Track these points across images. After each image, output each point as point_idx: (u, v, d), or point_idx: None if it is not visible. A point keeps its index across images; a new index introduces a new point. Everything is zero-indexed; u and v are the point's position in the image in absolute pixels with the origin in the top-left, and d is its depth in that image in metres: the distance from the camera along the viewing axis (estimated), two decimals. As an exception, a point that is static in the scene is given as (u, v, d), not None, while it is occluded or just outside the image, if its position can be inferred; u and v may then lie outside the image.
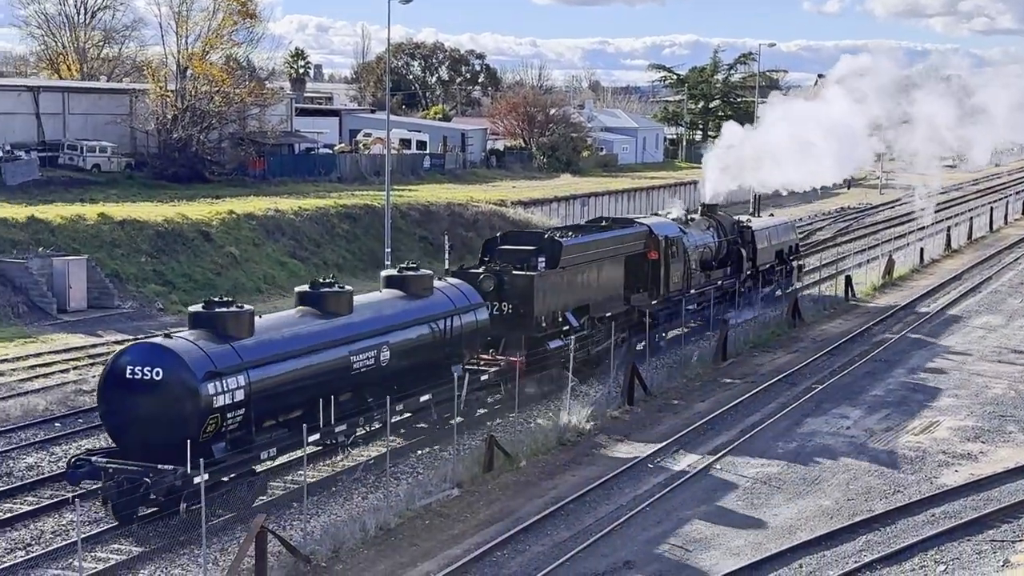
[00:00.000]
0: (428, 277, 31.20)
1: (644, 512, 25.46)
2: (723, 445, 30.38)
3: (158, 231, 54.65)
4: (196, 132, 75.04)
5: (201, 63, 77.83)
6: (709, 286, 45.18)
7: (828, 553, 23.14)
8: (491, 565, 22.56)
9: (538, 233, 38.57)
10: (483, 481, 27.36)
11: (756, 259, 49.84)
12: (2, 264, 47.30)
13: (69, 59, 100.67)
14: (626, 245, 39.92)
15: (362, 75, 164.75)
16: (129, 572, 21.83)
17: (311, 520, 24.32)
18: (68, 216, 53.33)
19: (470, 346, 31.96)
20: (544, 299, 34.21)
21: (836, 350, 42.10)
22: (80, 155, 73.60)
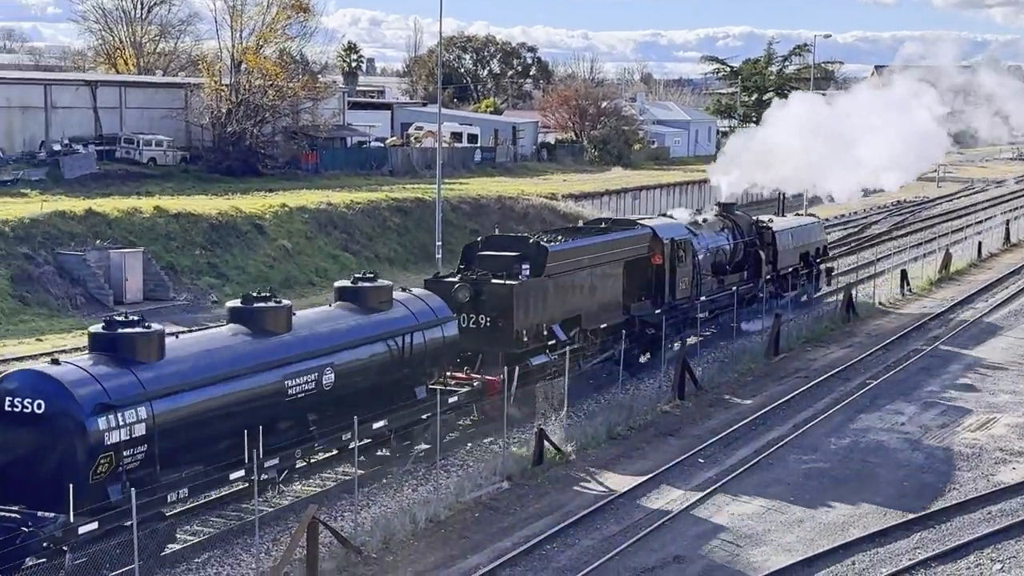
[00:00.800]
0: (386, 289, 27.91)
1: (693, 507, 25.25)
2: (775, 440, 30.12)
3: (212, 224, 54.95)
4: (250, 126, 75.51)
5: (255, 57, 78.24)
6: (723, 292, 42.09)
7: (881, 550, 22.89)
8: (540, 559, 22.49)
9: (522, 238, 34.68)
10: (533, 474, 27.29)
11: (777, 262, 46.20)
12: (61, 256, 47.79)
13: (126, 53, 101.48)
14: (626, 249, 36.72)
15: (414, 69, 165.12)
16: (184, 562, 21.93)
17: (362, 511, 24.31)
18: (124, 209, 53.71)
19: (436, 365, 28.59)
20: (526, 311, 31.05)
21: (891, 345, 41.62)
22: (136, 149, 74.26)
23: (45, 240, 48.41)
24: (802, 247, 49.02)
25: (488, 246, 33.51)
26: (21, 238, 47.72)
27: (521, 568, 22.01)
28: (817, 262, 50.97)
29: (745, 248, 44.63)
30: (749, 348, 40.00)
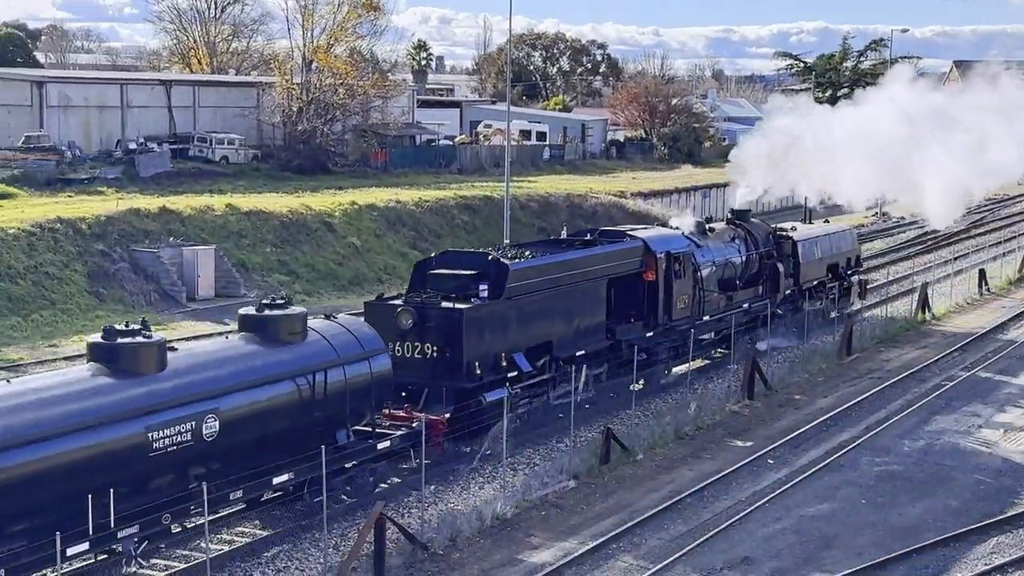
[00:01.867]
0: (296, 317, 23.23)
1: (763, 508, 25.04)
2: (847, 442, 29.76)
3: (283, 221, 55.32)
4: (320, 124, 75.87)
5: (326, 56, 78.65)
6: (732, 310, 37.20)
7: (956, 554, 22.54)
8: (606, 558, 22.36)
9: (481, 254, 29.78)
10: (599, 473, 27.15)
11: (799, 275, 41.51)
12: (136, 253, 48.30)
13: (199, 53, 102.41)
14: (611, 265, 32.01)
15: (483, 66, 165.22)
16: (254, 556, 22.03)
17: (429, 508, 24.33)
18: (197, 207, 54.20)
19: (364, 404, 24.23)
20: (479, 339, 26.83)
21: (967, 346, 40.98)
22: (209, 147, 74.88)
23: (121, 237, 48.95)
24: (830, 258, 44.30)
25: (442, 263, 29.16)
26: (98, 235, 48.28)
27: (587, 567, 21.92)
28: (849, 274, 45.82)
29: (760, 260, 39.70)
30: (820, 349, 39.56)
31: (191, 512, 20.71)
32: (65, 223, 47.99)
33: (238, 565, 21.56)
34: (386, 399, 25.15)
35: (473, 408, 26.25)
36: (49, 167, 61.95)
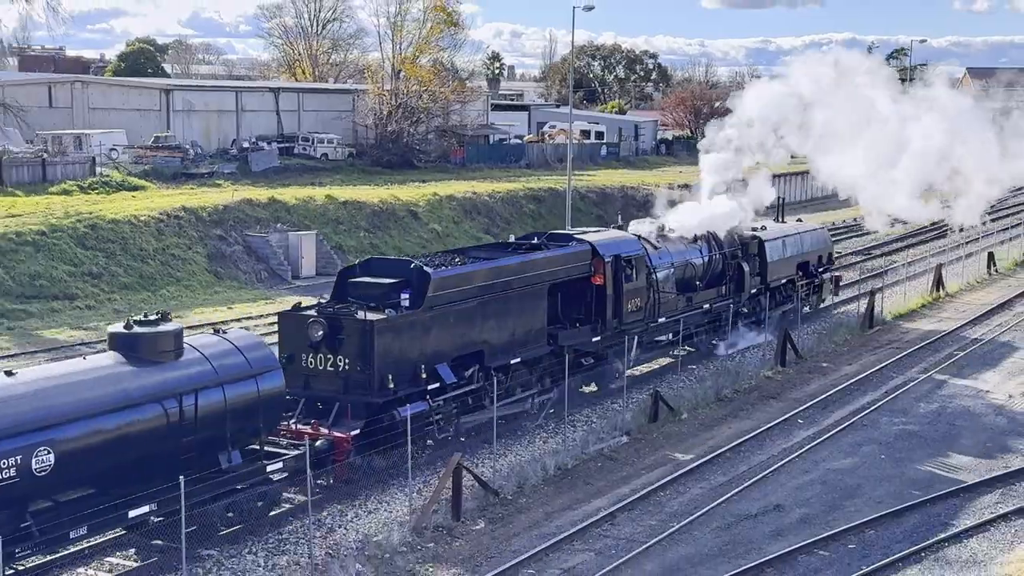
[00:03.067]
0: (169, 335, 18.95)
1: (793, 462, 24.85)
2: (869, 404, 29.45)
3: (374, 210, 55.58)
4: (407, 125, 76.21)
5: (412, 66, 78.85)
6: (693, 310, 33.01)
7: (966, 504, 22.28)
8: (654, 504, 22.29)
9: (403, 261, 25.53)
10: (649, 430, 27.06)
11: (767, 274, 36.85)
12: (248, 237, 48.80)
13: (303, 64, 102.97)
14: (553, 270, 27.53)
15: (549, 74, 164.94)
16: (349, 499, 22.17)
17: (499, 460, 24.39)
18: (301, 197, 54.56)
19: (250, 425, 19.93)
20: (393, 350, 22.67)
21: (977, 320, 40.34)
22: (311, 145, 75.36)
23: (235, 224, 49.44)
24: (800, 256, 39.46)
25: (365, 271, 24.89)
26: (216, 222, 48.80)
27: (638, 512, 21.87)
28: (821, 272, 40.99)
29: (725, 261, 34.94)
30: (845, 322, 39.08)
31: (23, 551, 16.89)
32: (188, 211, 48.54)
33: (337, 507, 21.74)
34: (279, 419, 21.03)
35: (386, 423, 22.03)
36: (175, 163, 62.64)
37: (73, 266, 42.02)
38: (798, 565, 19.35)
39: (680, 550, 20.08)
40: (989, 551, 19.97)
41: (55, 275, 41.01)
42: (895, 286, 45.95)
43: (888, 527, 21.04)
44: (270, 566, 19.12)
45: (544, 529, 20.93)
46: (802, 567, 19.28)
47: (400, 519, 21.07)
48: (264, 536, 20.25)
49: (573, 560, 19.61)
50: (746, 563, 19.21)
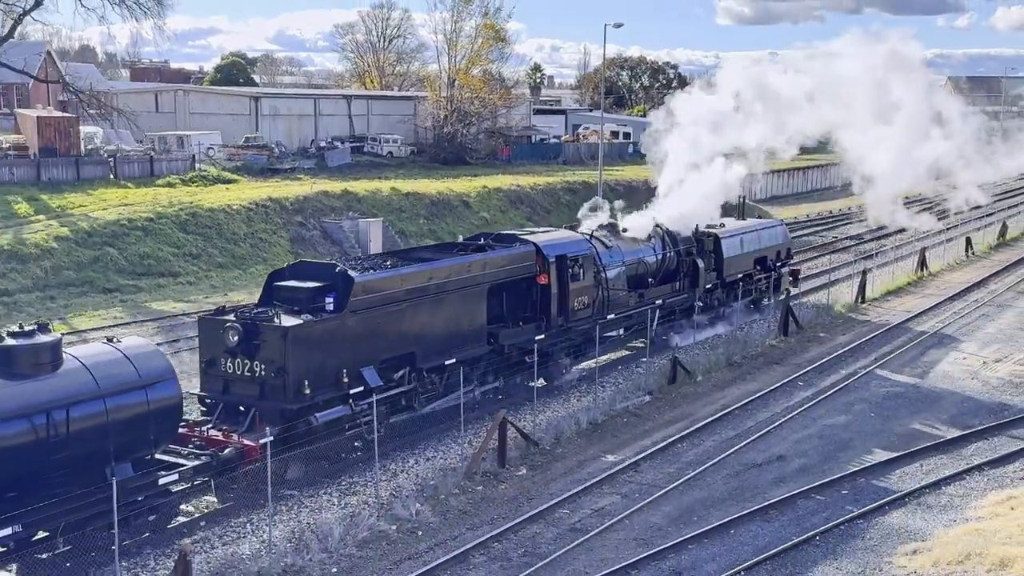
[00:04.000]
0: (43, 348, 15.90)
1: (794, 419, 24.73)
2: (860, 369, 29.23)
3: (432, 200, 55.57)
4: (460, 127, 76.13)
5: (465, 76, 78.71)
6: (644, 306, 29.67)
7: (945, 457, 22.11)
8: (672, 454, 22.27)
9: (330, 265, 21.99)
10: (668, 391, 26.99)
11: (723, 270, 33.65)
12: (324, 224, 48.92)
13: (372, 74, 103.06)
14: (494, 271, 24.46)
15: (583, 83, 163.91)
16: (409, 448, 22.26)
17: (539, 415, 24.40)
18: (369, 189, 54.64)
19: (137, 437, 16.71)
20: (311, 356, 19.69)
21: (956, 296, 39.87)
22: (378, 145, 75.46)
23: (313, 212, 49.58)
24: (757, 252, 35.99)
25: (293, 274, 21.81)
26: (297, 210, 48.97)
27: (658, 461, 21.85)
28: (778, 266, 37.41)
29: (679, 258, 31.77)
30: (840, 297, 38.72)
31: None
32: (273, 201, 48.76)
33: (399, 454, 21.85)
34: (175, 429, 17.72)
35: (302, 428, 19.40)
36: (262, 160, 62.93)
37: (176, 248, 42.40)
38: (797, 508, 19.28)
39: (695, 494, 20.07)
40: (964, 497, 19.82)
41: (161, 255, 41.41)
42: (885, 266, 45.49)
43: (877, 475, 20.92)
44: (343, 504, 19.32)
45: (577, 475, 20.97)
46: (801, 509, 19.21)
47: (454, 466, 21.19)
48: (338, 480, 20.45)
49: (603, 502, 19.65)
50: (752, 506, 19.18)
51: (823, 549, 17.54)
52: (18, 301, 35.49)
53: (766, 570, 16.76)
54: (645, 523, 18.68)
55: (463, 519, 18.84)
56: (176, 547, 16.00)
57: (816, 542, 17.76)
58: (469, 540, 17.73)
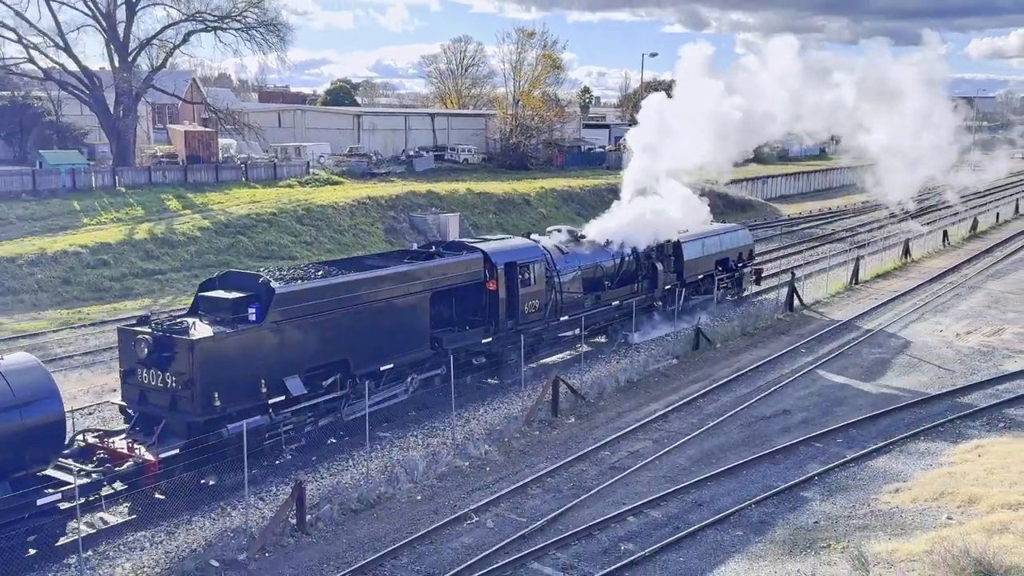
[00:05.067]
0: None
1: (798, 379, 24.35)
2: (853, 339, 28.68)
3: (499, 199, 55.48)
4: (523, 139, 76.01)
5: (527, 97, 78.60)
6: (601, 307, 26.74)
7: (923, 411, 21.62)
8: (695, 407, 22.07)
9: (254, 276, 18.31)
10: (692, 355, 26.72)
11: (683, 272, 30.31)
12: (413, 218, 49.09)
13: (451, 96, 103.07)
14: (438, 278, 21.06)
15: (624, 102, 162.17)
16: (474, 403, 22.28)
17: (585, 374, 24.33)
18: (449, 189, 54.73)
19: (14, 457, 13.59)
20: (224, 368, 16.37)
21: (935, 279, 38.88)
22: (456, 153, 75.51)
23: (403, 208, 49.79)
24: (720, 254, 32.56)
25: (222, 284, 18.20)
26: (390, 206, 49.24)
27: (683, 413, 21.67)
28: (741, 267, 33.91)
29: (638, 261, 28.47)
30: (836, 277, 37.99)
31: None
32: (371, 199, 49.07)
33: (470, 404, 21.91)
34: (56, 447, 14.45)
35: (213, 441, 16.13)
36: (362, 166, 63.37)
37: (294, 237, 42.88)
38: (799, 453, 19.02)
39: (713, 441, 19.89)
40: (939, 445, 19.40)
41: (281, 243, 41.93)
42: (875, 254, 44.54)
43: (866, 427, 20.56)
44: (426, 445, 19.46)
45: (616, 423, 20.90)
46: (802, 455, 18.95)
47: (516, 415, 21.23)
48: (422, 424, 20.59)
49: (637, 446, 19.56)
50: (761, 451, 18.97)
51: (821, 487, 17.30)
52: (169, 279, 36.27)
53: (772, 503, 16.58)
54: (672, 464, 18.56)
55: (522, 458, 18.89)
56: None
57: (815, 481, 17.53)
58: (527, 475, 17.78)
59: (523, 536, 15.16)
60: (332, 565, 14.34)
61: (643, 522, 15.87)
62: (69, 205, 42.15)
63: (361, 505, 16.45)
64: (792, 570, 14.01)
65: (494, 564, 14.14)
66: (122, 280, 35.13)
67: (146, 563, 14.36)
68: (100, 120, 51.47)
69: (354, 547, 14.97)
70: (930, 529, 15.13)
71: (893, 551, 14.21)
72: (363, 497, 16.63)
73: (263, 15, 52.95)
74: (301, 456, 18.32)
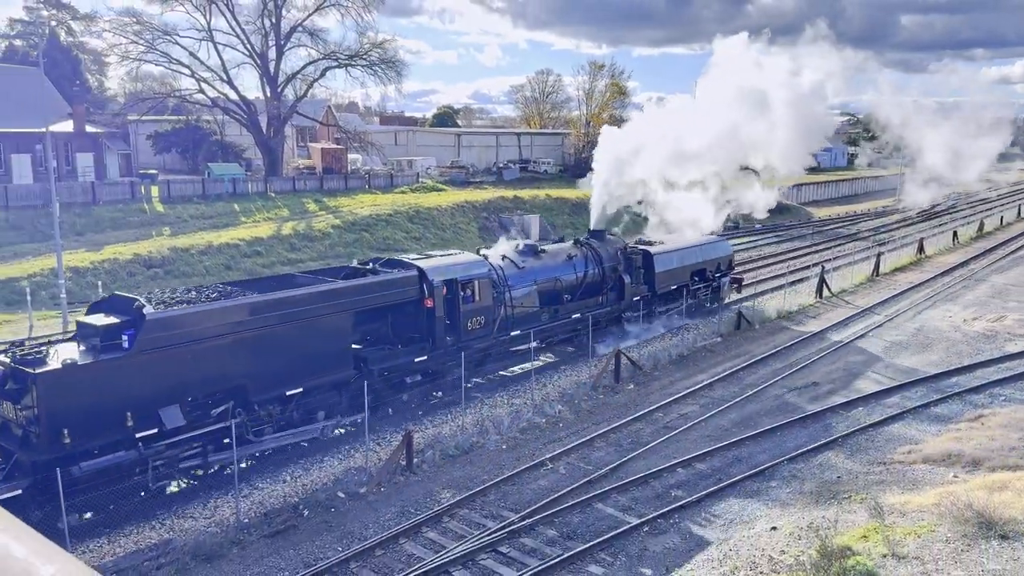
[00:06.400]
0: None
1: (825, 357, 23.56)
2: (874, 323, 27.59)
3: (573, 203, 55.07)
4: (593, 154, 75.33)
5: (597, 119, 77.85)
6: (559, 320, 22.31)
7: (934, 385, 20.66)
8: (736, 379, 21.56)
9: (130, 300, 13.95)
10: (734, 335, 26.10)
11: (655, 283, 25.88)
12: (502, 218, 49.16)
13: (535, 118, 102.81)
14: (366, 297, 16.82)
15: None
16: (548, 372, 22.17)
17: (643, 348, 24.00)
18: (531, 195, 54.62)
19: None
20: (75, 403, 12.31)
21: (946, 273, 37.09)
22: (538, 165, 75.26)
23: (494, 209, 49.95)
24: (695, 265, 27.87)
25: (107, 307, 14.11)
26: (483, 208, 49.44)
27: (725, 383, 21.22)
28: (719, 276, 29.00)
29: (604, 274, 24.23)
30: (860, 270, 36.55)
31: None
32: (468, 203, 49.36)
33: (544, 371, 21.81)
34: None
35: (61, 480, 11.91)
36: (461, 176, 63.77)
37: (406, 233, 43.45)
38: (826, 418, 18.43)
39: (752, 407, 19.41)
40: (947, 414, 18.54)
41: (396, 238, 42.54)
42: (894, 251, 42.71)
43: (884, 398, 19.78)
44: (510, 404, 19.52)
45: (669, 390, 20.58)
46: (828, 419, 18.36)
47: (584, 381, 21.12)
48: (509, 388, 20.66)
49: (687, 409, 19.24)
50: (793, 416, 18.44)
51: (844, 448, 16.73)
52: (308, 267, 37.20)
53: (802, 460, 16.12)
54: (716, 425, 18.21)
55: (590, 417, 18.78)
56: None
57: (839, 442, 16.96)
58: (593, 431, 17.67)
59: (590, 481, 15.09)
60: (434, 499, 14.55)
61: (691, 473, 15.62)
62: (230, 207, 43.61)
63: (457, 451, 16.63)
64: (817, 516, 13.61)
65: (565, 503, 14.13)
66: (271, 267, 36.21)
67: (287, 493, 14.70)
68: (255, 139, 53.10)
69: (451, 485, 15.14)
70: (938, 485, 14.50)
71: (905, 503, 13.67)
72: (459, 445, 16.81)
73: (384, 54, 53.64)
74: (409, 411, 18.45)
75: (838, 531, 12.52)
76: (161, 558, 12.17)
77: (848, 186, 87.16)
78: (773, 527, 13.20)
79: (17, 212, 35.88)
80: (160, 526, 13.35)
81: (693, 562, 12.21)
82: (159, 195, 42.70)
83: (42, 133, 37.36)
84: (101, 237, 35.75)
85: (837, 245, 46.16)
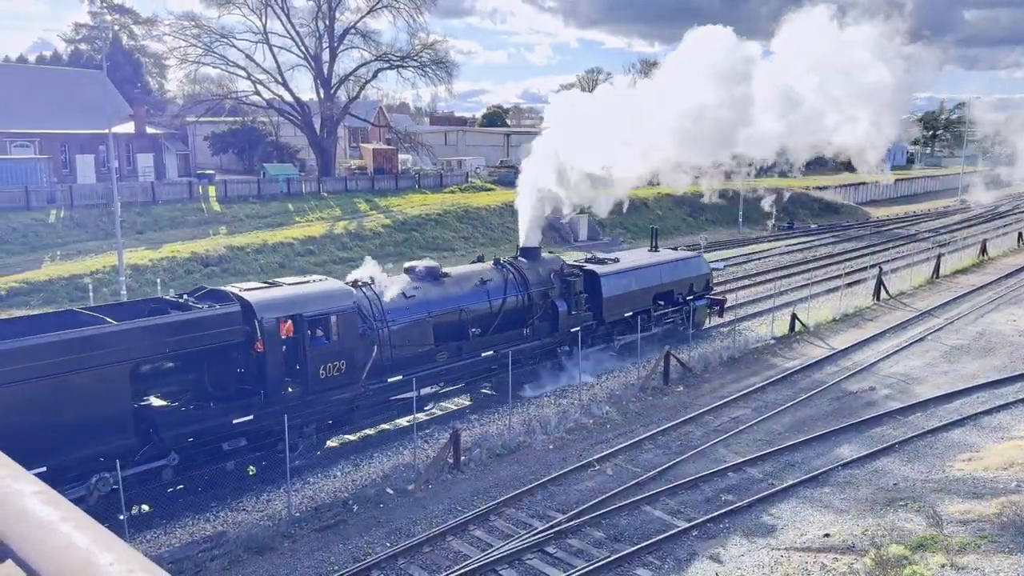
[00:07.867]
0: None
1: (884, 361, 22.96)
2: (934, 326, 26.76)
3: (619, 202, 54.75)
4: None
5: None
6: (464, 359, 18.02)
7: (996, 391, 19.96)
8: (790, 382, 21.14)
9: None
10: (789, 338, 25.57)
11: (602, 309, 21.58)
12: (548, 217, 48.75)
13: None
14: (153, 343, 12.58)
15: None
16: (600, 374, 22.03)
17: (693, 351, 23.72)
18: (579, 195, 54.44)
19: None
20: None
21: (1010, 275, 35.78)
22: (586, 165, 75.03)
23: (542, 210, 49.94)
24: (659, 287, 23.60)
25: None
26: (531, 209, 49.42)
27: (779, 386, 20.82)
28: (690, 299, 24.76)
29: (530, 301, 19.95)
30: (919, 271, 35.50)
31: None
32: (517, 203, 49.43)
33: (596, 373, 21.70)
34: None
35: None
36: (510, 176, 63.71)
37: (455, 232, 43.75)
38: (883, 423, 17.96)
39: (806, 411, 19.03)
40: (1010, 422, 17.90)
41: (445, 237, 42.86)
42: (955, 252, 41.37)
43: (943, 403, 19.19)
44: (557, 404, 19.50)
45: (720, 393, 20.31)
46: (886, 424, 17.89)
47: (633, 382, 20.98)
48: (556, 388, 20.64)
49: (738, 413, 18.95)
50: (848, 421, 18.02)
51: (901, 455, 16.29)
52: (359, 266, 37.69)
53: (857, 466, 15.74)
54: (768, 429, 17.90)
55: (638, 418, 18.64)
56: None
57: (896, 449, 16.52)
58: (642, 433, 17.54)
59: (638, 483, 14.99)
60: (481, 498, 14.63)
61: (742, 477, 15.39)
62: (285, 206, 44.52)
63: (504, 451, 16.68)
64: (872, 523, 13.29)
65: (613, 505, 14.07)
66: (324, 266, 36.86)
67: (337, 488, 14.97)
68: (309, 140, 54.10)
69: (498, 484, 15.21)
70: (1000, 495, 14.00)
71: (966, 512, 13.24)
72: (506, 444, 16.86)
73: (435, 55, 54.10)
74: (458, 410, 18.57)
75: (894, 539, 12.20)
76: (215, 550, 12.55)
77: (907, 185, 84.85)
78: (826, 534, 12.93)
79: (81, 211, 37.25)
80: (214, 519, 13.68)
81: (743, 567, 12.04)
82: (216, 195, 43.82)
83: (105, 134, 38.73)
84: (160, 235, 36.89)
85: (896, 246, 44.88)
